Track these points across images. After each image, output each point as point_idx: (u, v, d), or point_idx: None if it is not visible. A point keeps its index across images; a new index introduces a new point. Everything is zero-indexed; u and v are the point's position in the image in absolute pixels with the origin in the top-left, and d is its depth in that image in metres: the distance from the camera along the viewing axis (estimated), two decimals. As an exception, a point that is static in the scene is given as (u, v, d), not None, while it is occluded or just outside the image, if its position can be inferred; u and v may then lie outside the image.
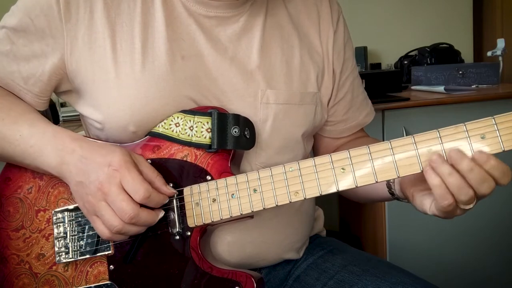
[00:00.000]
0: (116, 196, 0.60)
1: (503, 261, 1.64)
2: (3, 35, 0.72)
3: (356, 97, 0.87)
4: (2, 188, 0.74)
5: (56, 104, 1.46)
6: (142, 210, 0.62)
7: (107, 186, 0.61)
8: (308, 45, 0.80)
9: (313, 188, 0.61)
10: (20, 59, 0.72)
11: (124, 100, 0.69)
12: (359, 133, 0.91)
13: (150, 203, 0.62)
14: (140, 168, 0.64)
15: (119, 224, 0.61)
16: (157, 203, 0.64)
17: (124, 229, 0.62)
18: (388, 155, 0.58)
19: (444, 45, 1.94)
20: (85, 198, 0.64)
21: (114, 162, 0.62)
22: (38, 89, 0.73)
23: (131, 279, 0.68)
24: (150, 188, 0.62)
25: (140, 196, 0.61)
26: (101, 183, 0.61)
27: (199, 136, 0.68)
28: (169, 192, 0.65)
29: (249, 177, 0.64)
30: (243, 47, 0.74)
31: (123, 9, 0.70)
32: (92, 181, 0.62)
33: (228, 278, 0.65)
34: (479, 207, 0.60)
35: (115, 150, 0.64)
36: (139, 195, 0.61)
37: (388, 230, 1.53)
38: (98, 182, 0.62)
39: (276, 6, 0.79)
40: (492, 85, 1.74)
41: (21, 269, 0.71)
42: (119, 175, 0.61)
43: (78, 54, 0.69)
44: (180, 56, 0.70)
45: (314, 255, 0.85)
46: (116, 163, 0.62)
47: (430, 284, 0.74)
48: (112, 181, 0.61)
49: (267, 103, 0.73)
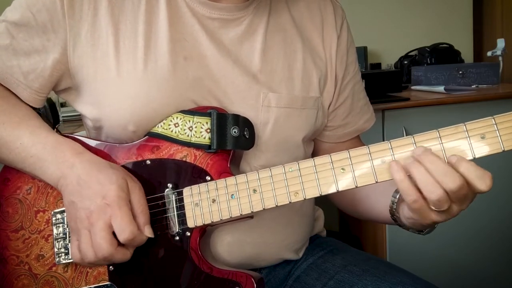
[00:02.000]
0: (99, 231, 0.61)
1: (503, 261, 1.64)
2: (3, 29, 0.71)
3: (356, 102, 0.87)
4: (1, 189, 0.74)
5: (56, 104, 1.46)
6: (117, 252, 0.62)
7: (95, 218, 0.62)
8: (311, 49, 0.79)
9: (313, 189, 0.61)
10: (20, 54, 0.71)
11: (124, 99, 0.69)
12: (357, 142, 0.90)
13: (131, 244, 0.63)
14: (131, 197, 0.64)
15: (91, 257, 0.62)
16: (138, 244, 0.64)
17: (95, 263, 0.63)
18: (388, 155, 0.58)
19: (444, 45, 1.94)
20: (73, 218, 0.64)
21: (109, 196, 0.62)
22: (38, 84, 0.72)
23: (131, 280, 0.68)
24: (136, 231, 0.62)
25: (124, 237, 0.61)
26: (91, 212, 0.62)
27: (199, 136, 0.68)
28: (147, 232, 0.64)
29: (248, 178, 0.64)
30: (245, 50, 0.74)
31: (127, 7, 0.70)
32: (84, 207, 0.63)
33: (228, 278, 0.65)
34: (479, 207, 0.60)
35: (113, 180, 0.63)
36: (123, 235, 0.61)
37: (388, 230, 1.53)
38: (88, 210, 0.62)
39: (279, 9, 0.78)
40: (492, 85, 1.74)
41: (21, 270, 0.71)
42: (110, 211, 0.61)
43: (81, 51, 0.69)
44: (182, 57, 0.70)
45: (314, 255, 0.85)
46: (110, 197, 0.62)
47: (430, 284, 0.74)
48: (102, 215, 0.62)
49: (268, 106, 0.73)
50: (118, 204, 0.62)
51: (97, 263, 0.64)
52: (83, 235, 0.62)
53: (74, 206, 0.64)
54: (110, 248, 0.61)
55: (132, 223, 0.62)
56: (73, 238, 0.65)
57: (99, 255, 0.61)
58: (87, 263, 0.63)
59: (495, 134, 0.55)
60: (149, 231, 0.64)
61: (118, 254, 0.62)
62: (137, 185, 0.66)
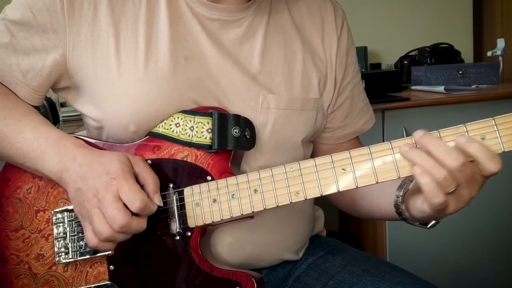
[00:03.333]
0: (110, 204, 0.60)
1: (503, 261, 1.64)
2: (3, 27, 0.71)
3: (355, 103, 0.86)
4: (1, 188, 0.73)
5: (56, 104, 1.46)
6: (133, 219, 0.61)
7: (103, 194, 0.61)
8: (311, 51, 0.79)
9: (314, 189, 0.61)
10: (19, 52, 0.71)
11: (125, 99, 0.69)
12: (356, 143, 0.90)
13: (144, 213, 0.62)
14: (136, 169, 0.64)
15: (107, 231, 0.61)
16: (149, 213, 0.63)
17: (112, 237, 0.61)
18: (389, 155, 0.58)
19: (444, 45, 1.94)
20: (81, 204, 0.63)
21: (112, 171, 0.62)
22: (36, 83, 0.72)
23: (131, 279, 0.68)
24: (146, 198, 0.61)
25: (135, 206, 0.60)
26: (97, 190, 0.61)
27: (200, 136, 0.68)
28: (156, 200, 0.64)
29: (249, 178, 0.64)
30: (245, 51, 0.73)
31: (127, 7, 0.70)
32: (90, 188, 0.62)
33: (228, 278, 0.65)
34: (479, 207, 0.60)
35: (114, 158, 0.63)
36: (134, 205, 0.60)
37: (388, 230, 1.53)
38: (95, 189, 0.62)
39: (279, 10, 0.78)
40: (492, 85, 1.74)
41: (21, 270, 0.71)
42: (116, 183, 0.61)
43: (80, 51, 0.69)
44: (183, 57, 0.70)
45: (314, 255, 0.85)
46: (114, 171, 0.62)
47: (430, 284, 0.74)
48: (109, 189, 0.61)
49: (267, 107, 0.73)
50: (123, 176, 0.61)
51: (114, 238, 0.62)
52: (95, 214, 0.61)
53: (80, 192, 0.63)
54: (125, 217, 0.60)
55: (141, 191, 0.61)
56: (85, 225, 0.63)
57: (115, 226, 0.60)
58: (104, 240, 0.62)
59: (495, 135, 0.55)
60: (158, 199, 0.64)
61: (134, 222, 0.61)
62: (139, 158, 0.66)
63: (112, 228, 0.60)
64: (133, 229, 0.61)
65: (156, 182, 0.65)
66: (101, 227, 0.61)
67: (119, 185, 0.61)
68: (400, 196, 0.64)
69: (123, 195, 0.61)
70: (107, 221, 0.60)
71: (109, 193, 0.61)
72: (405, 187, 0.64)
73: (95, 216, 0.61)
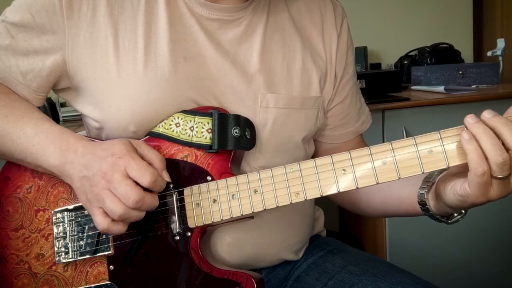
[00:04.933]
0: (120, 182, 0.60)
1: (503, 261, 1.64)
2: (3, 29, 0.71)
3: (354, 103, 0.87)
4: (1, 188, 0.74)
5: (56, 104, 1.46)
6: (147, 194, 0.61)
7: (110, 174, 0.60)
8: (310, 49, 0.79)
9: (314, 189, 0.61)
10: (19, 54, 0.71)
11: (125, 100, 0.69)
12: (360, 143, 0.90)
13: (155, 187, 0.62)
14: (141, 151, 0.64)
15: (121, 209, 0.59)
16: (161, 187, 0.63)
17: (126, 215, 0.60)
18: (389, 157, 0.58)
19: (444, 45, 1.94)
20: (88, 190, 0.63)
21: (117, 151, 0.62)
22: (36, 84, 0.73)
23: (131, 279, 0.68)
24: (156, 172, 0.61)
25: (146, 180, 0.60)
26: (104, 172, 0.61)
27: (200, 136, 0.68)
28: (166, 176, 0.64)
29: (249, 178, 0.64)
30: (244, 51, 0.73)
31: (126, 7, 0.70)
32: (95, 172, 0.62)
33: (228, 278, 0.65)
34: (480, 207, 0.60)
35: (116, 142, 0.64)
36: (145, 179, 0.60)
37: (388, 230, 1.53)
38: (101, 172, 0.61)
39: (278, 10, 0.78)
40: (492, 85, 1.74)
41: (21, 269, 0.71)
42: (123, 162, 0.61)
43: (80, 52, 0.69)
44: (182, 57, 0.70)
45: (314, 255, 0.85)
46: (119, 151, 0.62)
47: (430, 284, 0.74)
48: (116, 168, 0.61)
49: (266, 107, 0.73)
50: (129, 155, 0.61)
51: (128, 216, 0.60)
52: (106, 196, 0.60)
53: (87, 179, 0.63)
54: (138, 191, 0.59)
55: (149, 167, 0.61)
56: (93, 210, 0.62)
57: (129, 202, 0.59)
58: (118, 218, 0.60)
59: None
60: (166, 175, 0.64)
61: (147, 197, 0.60)
62: (141, 141, 0.66)
63: (126, 205, 0.60)
64: (146, 204, 0.61)
65: (162, 159, 0.65)
66: (113, 206, 0.60)
67: (126, 163, 0.61)
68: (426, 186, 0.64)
69: (132, 171, 0.60)
70: (120, 199, 0.60)
71: (117, 173, 0.60)
72: (433, 178, 0.64)
73: (106, 197, 0.60)
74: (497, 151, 0.53)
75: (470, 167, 0.55)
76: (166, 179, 0.64)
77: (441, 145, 0.57)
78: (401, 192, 0.73)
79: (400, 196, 0.73)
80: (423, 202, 0.65)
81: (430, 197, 0.65)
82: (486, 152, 0.54)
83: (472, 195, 0.56)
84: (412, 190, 0.68)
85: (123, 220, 0.61)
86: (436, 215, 0.65)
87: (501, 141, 0.54)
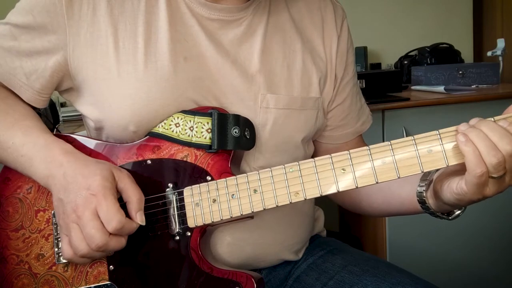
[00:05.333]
0: (88, 222, 0.60)
1: (503, 261, 1.64)
2: (7, 31, 0.72)
3: (354, 103, 0.86)
4: (1, 188, 0.74)
5: (56, 104, 1.46)
6: (111, 239, 0.61)
7: (81, 210, 0.61)
8: (311, 50, 0.79)
9: (314, 189, 0.61)
10: (22, 55, 0.72)
11: (125, 100, 0.69)
12: (360, 143, 0.90)
13: (121, 233, 0.62)
14: (120, 185, 0.64)
15: (84, 249, 0.61)
16: (128, 233, 0.63)
17: (89, 254, 0.62)
18: (389, 156, 0.58)
19: (444, 45, 1.94)
20: (61, 215, 0.64)
21: (93, 187, 0.61)
22: (39, 85, 0.73)
23: (131, 279, 0.68)
24: (123, 219, 0.61)
25: (112, 227, 0.60)
26: (77, 205, 0.61)
27: (199, 136, 0.68)
28: (139, 220, 0.63)
29: (249, 178, 0.64)
30: (244, 51, 0.73)
31: (126, 7, 0.70)
32: (70, 201, 0.62)
33: (228, 278, 0.65)
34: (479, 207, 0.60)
35: (97, 172, 0.63)
36: (111, 225, 0.60)
37: (388, 230, 1.53)
38: (74, 204, 0.62)
39: (279, 10, 0.78)
40: (492, 85, 1.74)
41: (21, 270, 0.71)
42: (95, 200, 0.61)
43: (80, 52, 0.69)
44: (182, 57, 0.70)
45: (314, 255, 0.85)
46: (95, 187, 0.61)
47: (430, 284, 0.74)
48: (88, 205, 0.61)
49: (266, 107, 0.73)
50: (103, 193, 0.61)
51: (91, 256, 0.62)
52: (73, 229, 0.62)
53: (62, 203, 0.63)
54: (103, 236, 0.60)
55: (119, 212, 0.61)
56: (62, 236, 0.64)
57: (93, 245, 0.60)
58: (80, 257, 0.62)
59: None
60: (140, 218, 0.63)
61: (112, 242, 0.61)
62: (124, 173, 0.65)
63: (89, 246, 0.61)
64: (110, 248, 0.61)
65: (140, 199, 0.64)
66: (78, 244, 0.61)
67: (97, 203, 0.61)
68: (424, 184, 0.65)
69: (101, 213, 0.61)
70: (85, 238, 0.61)
71: (88, 210, 0.60)
72: (430, 176, 0.64)
73: (73, 231, 0.62)
74: (491, 152, 0.54)
75: (468, 168, 0.55)
76: (139, 223, 0.63)
77: (440, 145, 0.57)
78: (401, 191, 0.73)
79: (401, 195, 0.73)
80: (422, 200, 0.66)
81: (429, 195, 0.65)
82: (481, 154, 0.54)
83: (469, 194, 0.57)
84: (412, 189, 0.68)
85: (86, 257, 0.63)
86: (436, 212, 0.66)
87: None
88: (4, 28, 0.72)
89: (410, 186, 0.69)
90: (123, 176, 0.65)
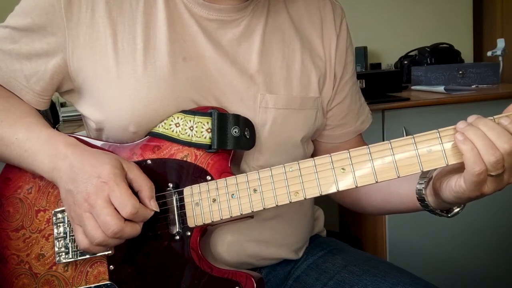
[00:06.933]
0: (102, 210, 0.60)
1: (503, 261, 1.64)
2: (7, 34, 0.72)
3: (354, 102, 0.87)
4: (2, 188, 0.74)
5: (56, 104, 1.46)
6: (126, 225, 0.61)
7: (94, 198, 0.60)
8: (310, 49, 0.79)
9: (313, 188, 0.61)
10: (22, 58, 0.72)
11: (125, 101, 0.69)
12: (360, 142, 0.90)
13: (136, 219, 0.62)
14: (130, 176, 0.64)
15: (100, 236, 0.60)
16: (143, 218, 0.63)
17: (105, 242, 0.61)
18: (388, 155, 0.58)
19: (444, 45, 1.94)
20: (71, 206, 0.63)
21: (104, 175, 0.61)
22: (39, 87, 0.73)
23: (131, 279, 0.68)
24: (137, 204, 0.61)
25: (127, 212, 0.60)
26: (88, 194, 0.61)
27: (199, 136, 0.68)
28: (153, 206, 0.63)
29: (249, 177, 0.64)
30: (243, 51, 0.74)
31: (125, 8, 0.70)
32: (80, 191, 0.62)
33: (228, 278, 0.65)
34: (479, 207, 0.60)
35: (106, 161, 0.63)
36: (126, 210, 0.60)
37: (388, 230, 1.53)
38: (85, 193, 0.61)
39: (277, 10, 0.78)
40: (492, 85, 1.74)
41: (21, 269, 0.71)
42: (107, 188, 0.60)
43: (80, 53, 0.70)
44: (181, 57, 0.70)
45: (314, 255, 0.85)
46: (105, 175, 0.61)
47: (430, 284, 0.74)
48: (100, 193, 0.60)
49: (266, 107, 0.73)
50: (114, 180, 0.61)
51: (107, 243, 0.61)
52: (86, 218, 0.61)
53: (71, 194, 0.63)
54: (118, 223, 0.59)
55: (132, 197, 0.61)
56: (75, 227, 0.63)
57: (109, 232, 0.59)
58: (96, 245, 0.61)
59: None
60: (154, 204, 0.63)
61: (127, 228, 0.61)
62: (133, 164, 0.65)
63: (105, 233, 0.60)
64: (126, 234, 0.61)
65: (152, 187, 0.64)
66: (94, 232, 0.60)
67: (110, 190, 0.60)
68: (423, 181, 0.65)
69: (114, 200, 0.60)
70: (100, 226, 0.60)
71: (100, 198, 0.60)
72: (429, 173, 0.64)
73: (87, 220, 0.61)
74: (489, 150, 0.54)
75: (466, 167, 0.55)
76: (153, 209, 0.63)
77: (440, 144, 0.57)
78: (401, 189, 0.73)
79: (400, 193, 0.73)
80: (422, 198, 0.66)
81: (428, 193, 0.66)
82: (479, 153, 0.54)
83: (467, 191, 0.57)
84: (412, 186, 0.69)
85: (102, 245, 0.62)
86: (435, 210, 0.66)
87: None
88: (4, 31, 0.72)
89: (410, 184, 0.70)
90: (132, 167, 0.65)
